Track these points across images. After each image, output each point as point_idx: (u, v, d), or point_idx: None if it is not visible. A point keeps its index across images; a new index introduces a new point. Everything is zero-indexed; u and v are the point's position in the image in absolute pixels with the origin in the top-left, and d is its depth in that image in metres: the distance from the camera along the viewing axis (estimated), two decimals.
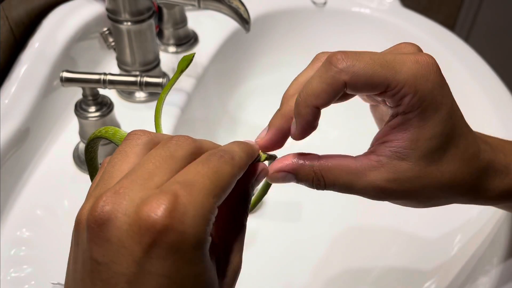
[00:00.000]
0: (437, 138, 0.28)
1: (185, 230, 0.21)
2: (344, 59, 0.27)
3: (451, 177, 0.29)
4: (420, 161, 0.28)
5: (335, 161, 0.29)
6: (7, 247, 0.43)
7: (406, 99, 0.27)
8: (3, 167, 0.46)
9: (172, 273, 0.21)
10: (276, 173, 0.29)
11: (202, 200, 0.22)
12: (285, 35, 0.77)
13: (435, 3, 1.44)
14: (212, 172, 0.23)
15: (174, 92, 0.60)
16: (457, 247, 0.50)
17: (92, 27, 0.59)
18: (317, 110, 0.28)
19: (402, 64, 0.27)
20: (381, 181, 0.28)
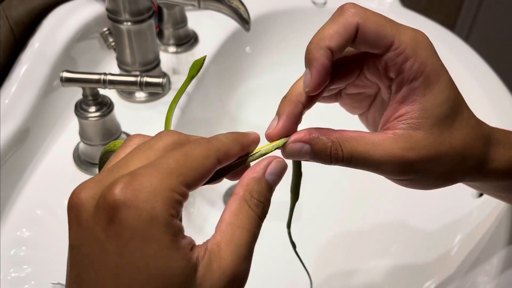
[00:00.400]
0: (445, 104, 0.29)
1: (138, 205, 0.21)
2: (356, 6, 0.28)
3: (462, 143, 0.29)
4: (433, 128, 0.28)
5: (352, 133, 0.29)
6: (7, 247, 0.43)
7: (408, 64, 0.28)
8: (3, 167, 0.46)
9: (126, 252, 0.21)
10: (293, 144, 0.29)
11: (161, 177, 0.22)
12: (285, 35, 0.77)
13: (435, 3, 1.44)
14: (180, 154, 0.23)
15: (174, 92, 0.60)
16: (457, 247, 0.50)
17: (92, 27, 0.59)
18: (330, 53, 0.27)
19: (404, 28, 0.28)
20: (398, 149, 0.28)
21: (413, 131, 0.28)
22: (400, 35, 0.28)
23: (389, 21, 0.28)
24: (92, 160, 0.51)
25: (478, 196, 0.51)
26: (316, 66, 0.27)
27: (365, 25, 0.28)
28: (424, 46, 0.28)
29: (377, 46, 0.28)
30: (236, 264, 0.23)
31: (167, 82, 0.47)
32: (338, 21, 0.28)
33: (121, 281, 0.21)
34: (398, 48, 0.28)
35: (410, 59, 0.28)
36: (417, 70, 0.28)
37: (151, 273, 0.21)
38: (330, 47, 0.27)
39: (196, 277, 0.22)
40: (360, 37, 0.28)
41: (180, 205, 0.22)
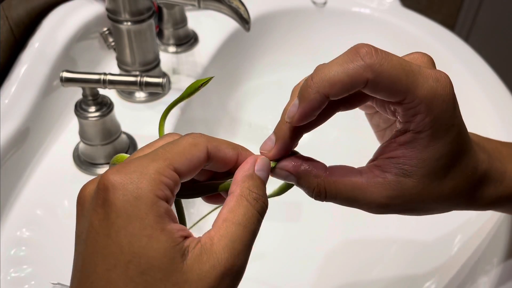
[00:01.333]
0: (444, 158, 0.28)
1: (125, 186, 0.22)
2: (373, 55, 0.25)
3: (450, 192, 0.29)
4: (425, 178, 0.28)
5: (340, 176, 0.29)
6: (7, 247, 0.43)
7: (419, 117, 0.27)
8: (3, 167, 0.46)
9: (112, 232, 0.22)
10: (280, 170, 0.29)
11: (148, 161, 0.23)
12: (285, 35, 0.77)
13: (435, 3, 1.44)
14: (169, 142, 0.25)
15: (174, 92, 0.60)
16: (457, 247, 0.50)
17: (92, 27, 0.59)
18: (326, 99, 0.26)
19: (424, 80, 0.26)
20: (384, 198, 0.28)
21: (404, 178, 0.28)
22: (416, 89, 0.26)
23: (408, 71, 0.26)
24: (92, 160, 0.51)
25: None
26: (305, 107, 0.26)
27: (377, 80, 0.25)
28: (442, 100, 0.26)
29: (387, 98, 0.27)
30: (228, 259, 0.23)
31: (167, 82, 0.47)
32: (347, 68, 0.25)
33: (109, 261, 0.22)
34: (410, 103, 0.26)
35: (421, 114, 0.26)
36: (427, 124, 0.27)
37: (133, 252, 0.21)
38: (328, 94, 0.26)
39: (183, 264, 0.22)
40: (369, 89, 0.26)
41: (168, 188, 0.23)
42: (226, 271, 0.23)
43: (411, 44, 0.72)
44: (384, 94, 0.26)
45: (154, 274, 0.21)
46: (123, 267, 0.21)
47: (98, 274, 0.22)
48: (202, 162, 0.25)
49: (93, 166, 0.51)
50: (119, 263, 0.21)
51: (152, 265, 0.21)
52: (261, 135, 0.41)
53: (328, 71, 0.26)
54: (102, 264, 0.22)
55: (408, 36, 0.73)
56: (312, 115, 0.27)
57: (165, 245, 0.22)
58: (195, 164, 0.25)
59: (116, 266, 0.21)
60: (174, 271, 0.22)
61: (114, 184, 0.22)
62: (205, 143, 0.25)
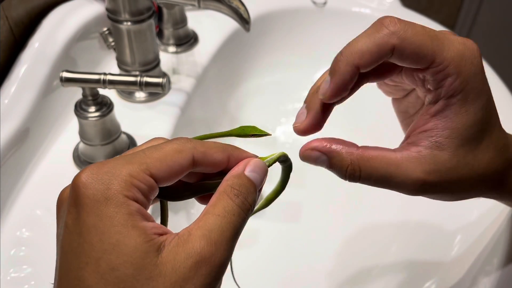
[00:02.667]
0: (477, 125, 0.27)
1: (95, 186, 0.22)
2: (397, 23, 0.26)
3: (485, 167, 0.29)
4: (459, 150, 0.28)
5: (374, 152, 0.28)
6: (7, 247, 0.43)
7: (449, 80, 0.26)
8: (3, 167, 0.46)
9: (84, 230, 0.22)
10: (310, 151, 0.28)
11: (123, 164, 0.23)
12: (285, 35, 0.77)
13: (435, 3, 1.44)
14: (152, 147, 0.24)
15: (174, 92, 0.60)
16: (457, 247, 0.50)
17: (92, 27, 0.59)
18: (356, 70, 0.27)
19: (450, 43, 0.27)
20: (421, 173, 0.28)
21: (438, 152, 0.28)
22: (443, 52, 0.26)
23: (433, 36, 0.27)
24: (92, 160, 0.51)
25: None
26: (337, 81, 0.27)
27: (402, 46, 0.26)
28: (470, 62, 0.27)
29: (415, 65, 0.27)
30: (204, 247, 0.22)
31: (167, 82, 0.47)
32: (374, 38, 0.26)
33: (81, 259, 0.22)
34: (439, 65, 0.26)
35: (451, 76, 0.26)
36: (457, 87, 0.27)
37: (104, 249, 0.21)
38: (359, 65, 0.26)
39: (158, 258, 0.22)
40: (396, 57, 0.27)
41: (141, 191, 0.23)
42: (202, 259, 0.22)
43: None
44: (411, 61, 0.26)
45: (125, 270, 0.21)
46: (94, 265, 0.21)
47: (72, 273, 0.22)
48: (185, 169, 0.25)
49: None
50: (90, 261, 0.21)
51: (123, 261, 0.21)
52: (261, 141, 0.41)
53: (356, 43, 0.27)
54: (75, 263, 0.22)
55: None
56: (345, 89, 0.27)
57: (136, 240, 0.22)
58: (176, 171, 0.24)
59: (87, 263, 0.21)
60: (147, 265, 0.21)
61: (85, 184, 0.22)
62: (190, 150, 0.25)
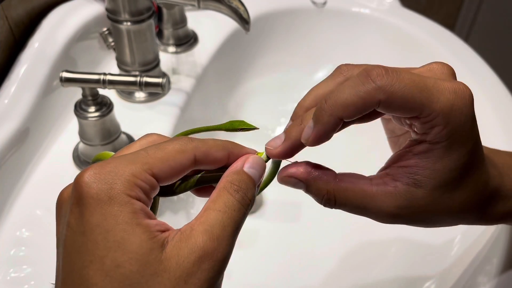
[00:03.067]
0: (457, 170, 0.28)
1: (99, 186, 0.22)
2: (384, 76, 0.26)
3: (461, 206, 0.29)
4: (436, 190, 0.28)
5: (350, 184, 0.29)
6: (7, 247, 0.43)
7: (436, 130, 0.26)
8: (2, 167, 0.46)
9: (87, 230, 0.22)
10: (288, 178, 0.29)
11: (126, 164, 0.23)
12: (285, 35, 0.77)
13: (435, 3, 1.44)
14: (154, 147, 0.25)
15: (174, 92, 0.60)
16: (457, 247, 0.50)
17: (91, 27, 0.59)
18: (340, 121, 0.27)
19: (440, 93, 0.26)
20: (394, 208, 0.28)
21: (415, 189, 0.28)
22: (432, 104, 0.26)
23: (421, 87, 0.26)
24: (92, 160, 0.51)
25: None
26: (319, 130, 0.27)
27: (389, 101, 0.25)
28: (460, 112, 0.26)
29: (402, 115, 0.27)
30: (206, 242, 0.23)
31: (167, 82, 0.47)
32: (359, 91, 0.26)
33: (85, 258, 0.22)
34: (427, 117, 0.26)
35: (438, 126, 0.26)
36: (443, 136, 0.26)
37: (108, 247, 0.21)
38: (342, 117, 0.26)
39: (162, 254, 0.22)
40: (382, 109, 0.26)
41: (143, 191, 0.23)
42: (204, 254, 0.22)
43: (411, 44, 0.72)
44: (398, 113, 0.26)
45: (130, 266, 0.21)
46: (98, 262, 0.21)
47: (76, 272, 0.22)
48: (186, 168, 0.25)
49: None
50: (95, 259, 0.21)
51: (129, 258, 0.21)
52: (260, 135, 0.41)
53: (341, 95, 0.26)
54: (79, 262, 0.22)
55: (408, 36, 0.73)
56: (327, 137, 0.27)
57: (141, 237, 0.22)
58: (177, 170, 0.25)
59: (92, 262, 0.22)
60: (152, 261, 0.22)
61: (88, 183, 0.22)
62: (192, 150, 0.25)
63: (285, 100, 0.73)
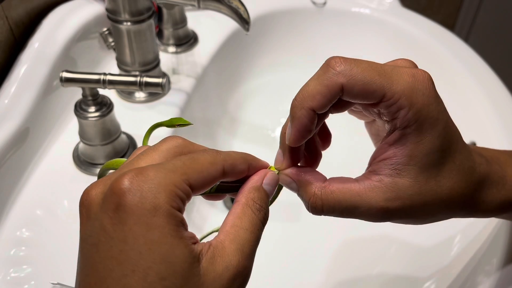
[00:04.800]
0: (434, 153, 0.28)
1: (143, 194, 0.22)
2: (342, 63, 0.27)
3: (449, 192, 0.29)
4: (419, 177, 0.28)
5: (337, 185, 0.29)
6: (7, 247, 0.43)
7: (402, 112, 0.27)
8: (3, 167, 0.46)
9: (129, 238, 0.22)
10: (284, 176, 0.30)
11: (166, 173, 0.23)
12: (285, 35, 0.77)
13: (435, 3, 1.44)
14: (188, 157, 0.25)
15: (174, 92, 0.60)
16: (457, 248, 0.50)
17: (92, 27, 0.59)
18: (313, 113, 0.28)
19: (399, 76, 0.28)
20: (383, 201, 0.29)
21: (399, 178, 0.28)
22: (392, 86, 0.27)
23: (379, 71, 0.28)
24: (92, 160, 0.51)
25: None
26: (296, 125, 0.28)
27: (350, 84, 0.27)
28: (422, 93, 0.27)
29: (367, 100, 0.28)
30: (239, 261, 0.24)
31: (167, 82, 0.47)
32: (322, 80, 0.27)
33: (126, 266, 0.22)
34: (390, 99, 0.27)
35: (403, 108, 0.27)
36: (411, 118, 0.27)
37: (154, 258, 0.22)
38: (312, 108, 0.28)
39: (200, 267, 0.23)
40: (347, 95, 0.28)
41: (181, 201, 0.24)
42: (237, 272, 0.24)
43: (411, 44, 0.72)
44: (362, 97, 0.27)
45: (175, 280, 0.22)
46: (142, 273, 0.22)
47: (113, 279, 0.22)
48: (216, 180, 0.26)
49: (92, 166, 0.51)
50: (138, 269, 0.22)
51: (173, 271, 0.22)
52: (260, 135, 0.41)
53: (307, 87, 0.28)
54: (118, 270, 0.22)
55: (407, 36, 0.73)
56: (307, 131, 0.28)
57: (184, 251, 0.22)
58: (209, 182, 0.26)
59: (134, 271, 0.22)
60: (193, 275, 0.22)
61: (130, 190, 0.22)
62: (222, 162, 0.26)
63: (285, 100, 0.73)
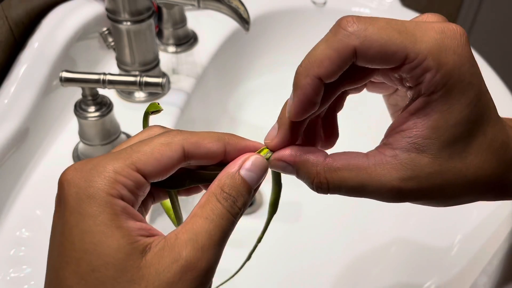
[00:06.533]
0: (462, 125, 0.24)
1: (78, 183, 0.22)
2: (355, 22, 0.23)
3: (477, 171, 0.25)
4: (442, 152, 0.24)
5: (343, 161, 0.25)
6: (7, 247, 0.43)
7: (428, 76, 0.23)
8: (2, 167, 0.46)
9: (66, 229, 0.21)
10: (277, 161, 0.26)
11: (108, 161, 0.22)
12: (285, 35, 0.77)
13: (435, 3, 1.44)
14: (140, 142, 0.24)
15: (174, 92, 0.59)
16: (457, 247, 0.49)
17: (91, 27, 0.59)
18: (319, 82, 0.24)
19: (423, 33, 0.23)
20: (396, 181, 0.24)
21: (417, 155, 0.24)
22: (416, 44, 0.23)
23: (399, 28, 0.23)
24: None
25: None
26: (299, 95, 0.24)
27: (365, 46, 0.23)
28: (453, 51, 0.23)
29: (386, 64, 0.24)
30: (190, 252, 0.21)
31: (167, 82, 0.47)
32: (332, 43, 0.23)
33: (62, 259, 0.21)
34: (413, 60, 0.23)
35: (430, 70, 0.23)
36: (438, 82, 0.23)
37: (85, 249, 0.21)
38: (319, 75, 0.24)
39: (141, 260, 0.21)
40: (361, 59, 0.23)
41: (126, 188, 0.22)
42: (188, 265, 0.21)
43: None
44: (379, 61, 0.23)
45: (106, 271, 0.20)
46: (74, 265, 0.21)
47: (54, 272, 0.22)
48: (176, 162, 0.24)
49: None
50: (71, 261, 0.21)
51: (105, 262, 0.21)
52: (261, 135, 0.41)
53: (314, 52, 0.24)
54: (57, 262, 0.21)
55: None
56: (311, 104, 0.24)
57: (119, 241, 0.21)
58: (165, 164, 0.23)
59: (68, 263, 0.21)
60: (130, 267, 0.21)
61: (68, 181, 0.22)
62: (180, 142, 0.24)
63: (285, 100, 0.73)
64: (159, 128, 0.26)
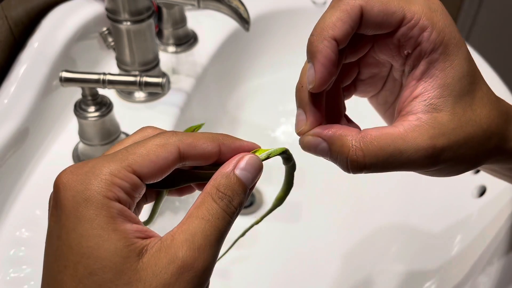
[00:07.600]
0: (466, 77, 0.26)
1: (74, 187, 0.22)
2: None
3: (487, 121, 0.27)
4: (456, 107, 0.26)
5: (375, 132, 0.26)
6: (7, 247, 0.43)
7: (425, 34, 0.26)
8: (2, 167, 0.46)
9: (63, 233, 0.21)
10: (311, 137, 0.27)
11: (103, 163, 0.22)
12: (285, 35, 0.77)
13: None
14: (135, 143, 0.24)
15: (174, 92, 0.59)
16: (457, 247, 0.49)
17: (91, 27, 0.59)
18: (335, 44, 0.25)
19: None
20: (429, 139, 0.26)
21: (437, 114, 0.26)
22: (411, 6, 0.26)
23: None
24: None
25: (479, 196, 0.51)
26: (320, 59, 0.25)
27: (369, 5, 0.26)
28: (439, 13, 0.26)
29: (387, 25, 0.26)
30: (187, 252, 0.21)
31: (167, 82, 0.47)
32: (340, 7, 0.26)
33: (60, 263, 0.21)
34: (411, 20, 0.26)
35: (427, 29, 0.26)
36: (436, 39, 0.26)
37: (82, 253, 0.21)
38: (334, 37, 0.25)
39: (138, 263, 0.21)
40: (366, 20, 0.26)
41: (123, 190, 0.22)
42: (185, 266, 0.21)
43: None
44: (381, 21, 0.26)
45: (103, 275, 0.21)
46: (72, 268, 0.21)
47: (51, 277, 0.22)
48: (171, 164, 0.24)
49: None
50: (69, 264, 0.21)
51: (102, 265, 0.21)
52: (260, 135, 0.41)
53: (324, 19, 0.26)
54: (55, 266, 0.21)
55: None
56: (333, 67, 0.26)
57: (116, 244, 0.21)
58: (161, 166, 0.23)
59: (66, 267, 0.21)
60: (127, 270, 0.21)
61: (65, 185, 0.22)
62: (175, 143, 0.24)
63: (285, 100, 0.73)
64: (152, 129, 0.26)
